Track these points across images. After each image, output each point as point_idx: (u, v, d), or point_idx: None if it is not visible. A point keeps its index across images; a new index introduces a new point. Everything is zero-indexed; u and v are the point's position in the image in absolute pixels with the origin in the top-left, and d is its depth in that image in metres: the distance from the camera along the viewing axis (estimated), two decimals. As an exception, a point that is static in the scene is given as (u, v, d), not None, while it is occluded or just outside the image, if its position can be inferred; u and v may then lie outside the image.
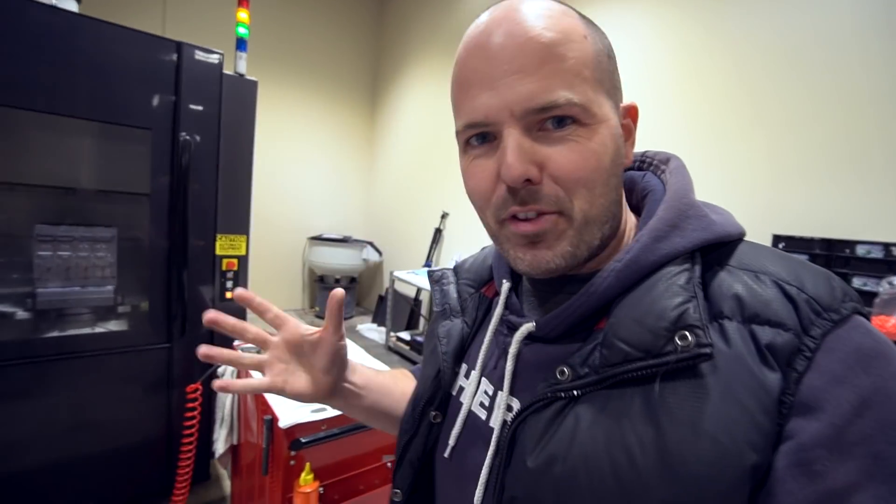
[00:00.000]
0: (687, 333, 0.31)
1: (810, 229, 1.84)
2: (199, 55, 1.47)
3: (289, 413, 1.04)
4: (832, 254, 1.75)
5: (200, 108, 1.49)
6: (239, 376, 1.40)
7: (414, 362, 3.71)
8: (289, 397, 0.49)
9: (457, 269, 0.54)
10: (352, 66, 4.97)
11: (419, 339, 3.66)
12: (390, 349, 3.94)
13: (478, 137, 0.36)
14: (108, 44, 1.33)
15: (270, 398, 1.16)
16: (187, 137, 1.45)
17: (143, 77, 1.39)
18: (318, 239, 4.52)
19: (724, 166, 2.15)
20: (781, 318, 0.31)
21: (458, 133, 0.38)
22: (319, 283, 4.67)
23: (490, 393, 0.43)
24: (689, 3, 2.32)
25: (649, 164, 0.44)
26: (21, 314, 1.39)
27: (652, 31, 2.49)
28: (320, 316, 4.63)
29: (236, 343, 1.44)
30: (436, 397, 0.47)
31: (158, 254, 1.49)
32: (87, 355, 1.39)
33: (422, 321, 4.21)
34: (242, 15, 1.61)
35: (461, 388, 0.46)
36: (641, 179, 0.43)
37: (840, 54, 1.77)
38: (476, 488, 0.39)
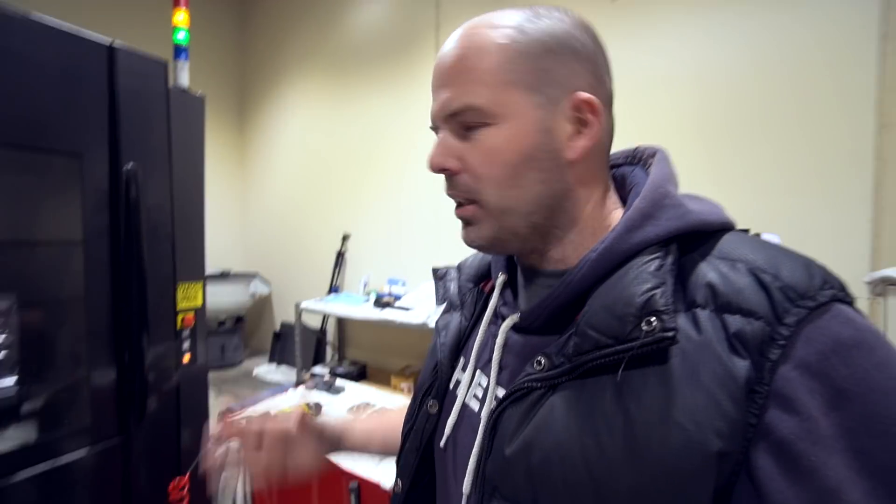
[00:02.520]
0: (653, 319, 0.32)
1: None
2: (138, 62, 1.16)
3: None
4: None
5: (145, 129, 1.17)
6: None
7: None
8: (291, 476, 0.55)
9: (460, 266, 0.57)
10: (212, 81, 4.37)
11: (339, 370, 3.41)
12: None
13: None
14: (14, 38, 0.95)
15: (335, 457, 0.99)
16: (133, 166, 1.13)
17: (67, 87, 1.03)
18: (192, 277, 3.83)
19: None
20: (752, 307, 0.31)
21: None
22: (196, 328, 3.94)
23: (484, 385, 0.44)
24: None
25: (639, 158, 0.46)
26: None
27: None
28: (200, 367, 3.91)
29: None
30: (433, 388, 0.50)
31: (99, 318, 1.11)
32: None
33: (329, 352, 3.92)
34: (180, 17, 1.32)
35: (458, 382, 0.48)
36: (630, 174, 0.45)
37: (802, 73, 2.00)
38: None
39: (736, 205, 2.17)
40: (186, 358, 1.32)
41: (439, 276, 0.57)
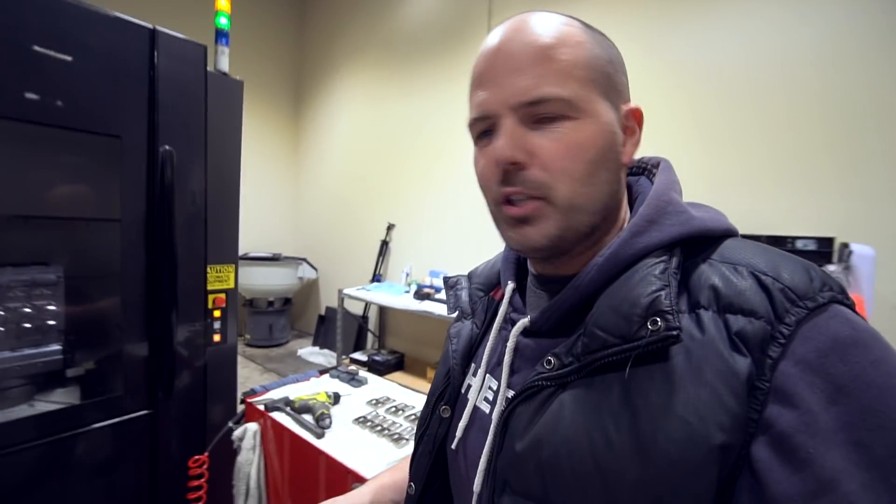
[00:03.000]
0: (658, 318, 0.33)
1: (755, 228, 2.12)
2: (178, 46, 1.19)
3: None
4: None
5: (182, 112, 1.20)
6: (263, 438, 1.15)
7: (372, 385, 3.48)
8: None
9: (470, 276, 0.58)
10: (271, 72, 4.54)
11: (378, 358, 3.45)
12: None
13: (485, 129, 0.40)
14: (62, 22, 1.00)
15: (343, 454, 0.96)
16: (168, 148, 1.16)
17: (109, 70, 1.07)
18: (246, 258, 4.03)
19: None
20: (754, 307, 0.32)
21: (469, 127, 0.42)
22: (249, 307, 4.15)
23: (494, 388, 0.45)
24: (629, 25, 2.54)
25: (644, 168, 0.47)
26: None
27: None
28: (251, 345, 4.12)
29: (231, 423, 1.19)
30: (445, 393, 0.51)
31: (134, 294, 1.16)
32: (27, 447, 1.02)
33: (370, 339, 3.98)
34: (222, 2, 1.33)
35: (469, 386, 0.49)
36: (636, 183, 0.46)
37: (785, 75, 2.06)
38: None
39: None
40: (216, 337, 1.35)
41: (450, 285, 0.58)
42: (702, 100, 2.28)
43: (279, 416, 1.13)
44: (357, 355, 3.69)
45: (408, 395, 1.35)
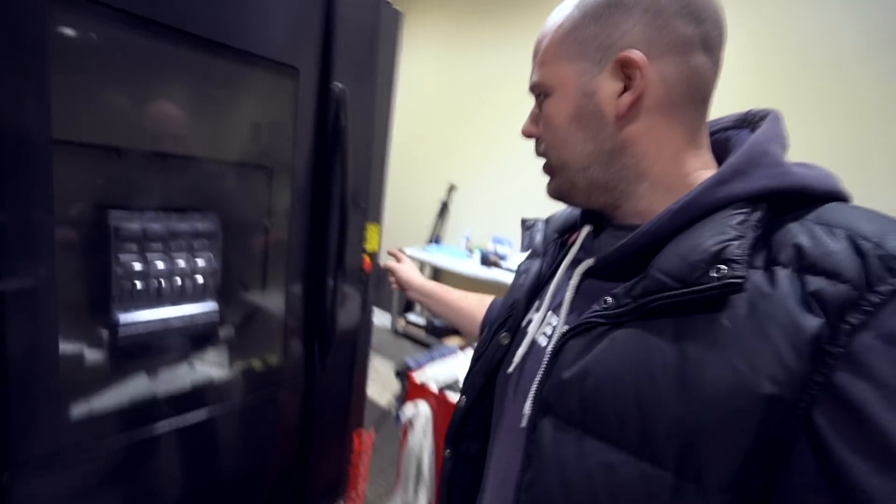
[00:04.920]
0: (723, 266, 0.32)
1: None
2: (356, -36, 1.00)
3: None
4: None
5: (355, 46, 1.03)
6: (435, 424, 1.06)
7: (428, 346, 3.44)
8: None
9: (548, 220, 0.60)
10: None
11: (436, 322, 3.38)
12: (398, 334, 3.62)
13: None
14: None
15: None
16: (342, 87, 1.00)
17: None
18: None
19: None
20: (840, 269, 0.30)
21: None
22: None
23: (553, 324, 0.47)
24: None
25: (749, 121, 0.45)
26: (91, 355, 0.88)
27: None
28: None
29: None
30: (507, 322, 0.53)
31: (296, 253, 1.04)
32: (189, 418, 0.93)
33: (421, 301, 3.92)
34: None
35: (530, 321, 0.51)
36: (735, 136, 0.45)
37: (847, 66, 1.84)
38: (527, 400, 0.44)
39: None
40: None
41: (527, 226, 0.63)
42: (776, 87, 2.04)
43: (456, 397, 1.03)
44: (413, 317, 3.63)
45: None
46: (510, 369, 0.50)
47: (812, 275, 0.31)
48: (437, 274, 3.88)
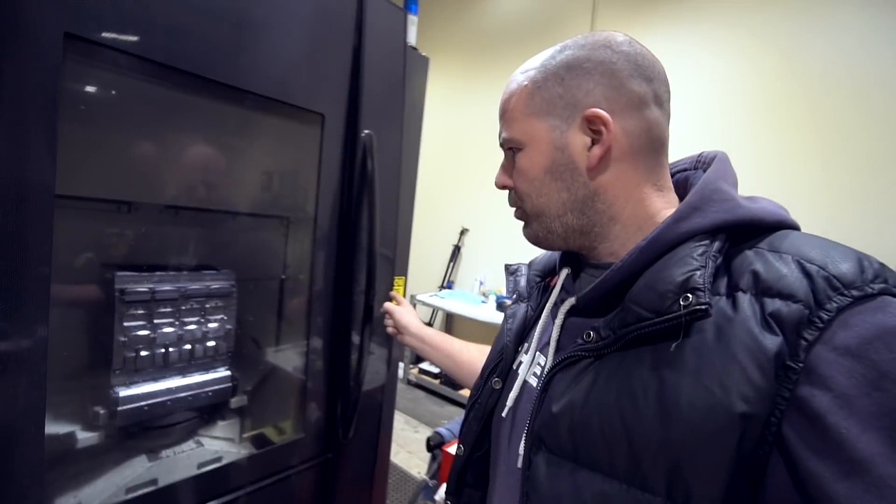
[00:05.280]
0: (689, 295, 0.35)
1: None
2: (383, 11, 0.97)
3: None
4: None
5: (383, 92, 0.98)
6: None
7: (443, 397, 3.26)
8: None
9: (530, 263, 0.63)
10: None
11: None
12: (410, 383, 3.44)
13: None
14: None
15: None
16: (369, 132, 0.94)
17: (312, 35, 0.85)
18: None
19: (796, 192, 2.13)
20: (792, 291, 0.33)
21: None
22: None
23: (542, 364, 0.50)
24: (762, 28, 2.27)
25: (703, 162, 0.49)
26: (84, 435, 0.76)
27: (718, 55, 2.41)
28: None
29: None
30: (498, 367, 0.55)
31: (320, 311, 0.94)
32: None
33: (434, 348, 3.76)
34: (415, -38, 1.12)
35: (520, 363, 0.53)
36: (693, 177, 0.49)
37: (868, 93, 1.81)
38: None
39: None
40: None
41: (511, 271, 0.64)
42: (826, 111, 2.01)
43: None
44: (426, 365, 3.46)
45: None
46: (504, 412, 0.51)
47: (769, 297, 0.34)
48: (451, 320, 3.75)
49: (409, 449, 2.58)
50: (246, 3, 0.74)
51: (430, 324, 3.75)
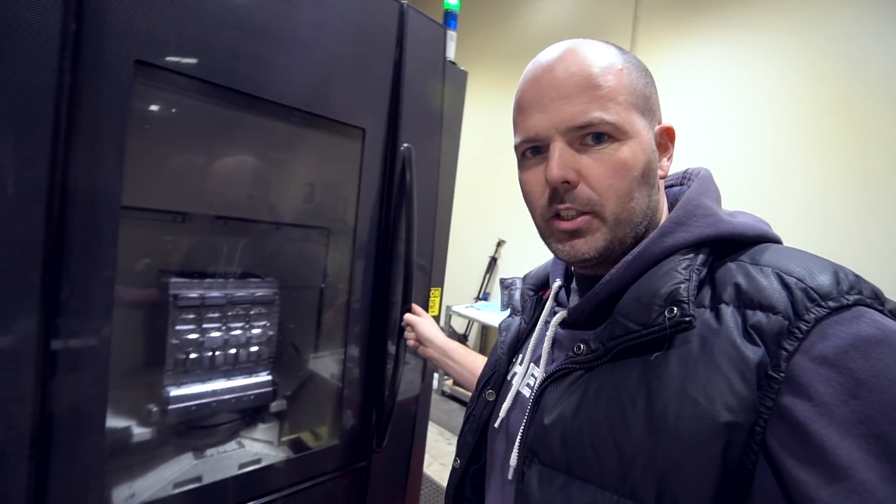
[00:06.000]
0: (675, 307, 0.37)
1: None
2: (424, 27, 1.00)
3: None
4: None
5: (421, 105, 1.00)
6: None
7: (477, 412, 3.21)
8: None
9: (525, 277, 0.64)
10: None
11: (486, 385, 3.17)
12: (444, 395, 3.42)
13: (532, 150, 0.45)
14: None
15: None
16: (408, 146, 0.96)
17: (354, 52, 0.89)
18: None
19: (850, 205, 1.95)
20: (772, 303, 0.34)
21: (516, 147, 0.47)
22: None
23: (536, 375, 0.50)
24: (807, 34, 2.14)
25: (688, 178, 0.51)
26: (137, 430, 0.81)
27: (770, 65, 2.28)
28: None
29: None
30: (492, 379, 0.56)
31: (358, 320, 0.96)
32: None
33: (468, 360, 3.74)
34: (455, -20, 1.15)
35: (514, 374, 0.53)
36: (679, 193, 0.50)
37: None
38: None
39: None
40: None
41: (506, 285, 0.64)
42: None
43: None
44: (461, 378, 3.44)
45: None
46: (497, 423, 0.52)
47: (750, 309, 0.35)
48: (486, 332, 3.72)
49: (442, 461, 2.56)
50: (291, 24, 0.78)
51: (465, 335, 3.74)
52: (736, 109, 2.45)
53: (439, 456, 2.61)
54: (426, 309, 1.06)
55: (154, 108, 0.75)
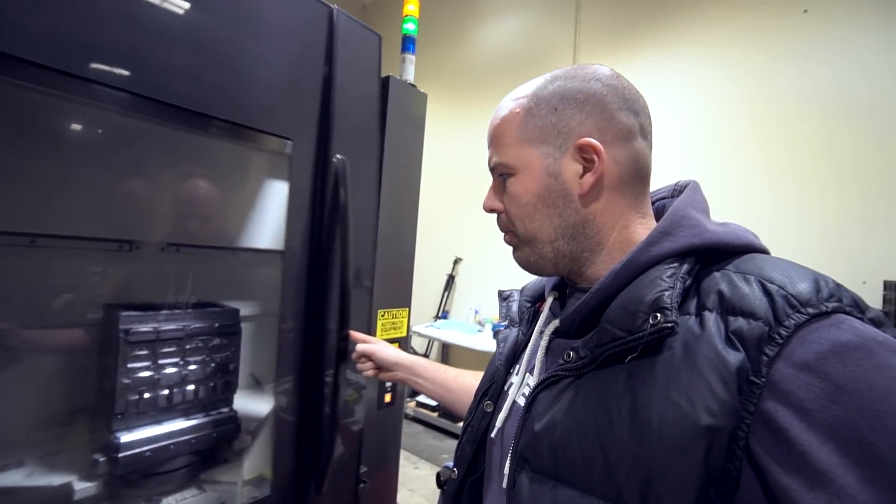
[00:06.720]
0: (658, 314, 0.38)
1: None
2: (356, 33, 0.94)
3: None
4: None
5: (355, 116, 0.95)
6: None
7: (442, 430, 3.18)
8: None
9: (522, 289, 0.65)
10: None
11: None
12: (408, 417, 3.35)
13: None
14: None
15: None
16: (341, 158, 0.88)
17: (282, 54, 0.82)
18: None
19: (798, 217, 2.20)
20: (753, 310, 0.36)
21: None
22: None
23: (530, 384, 0.51)
24: (736, 59, 2.41)
25: (678, 190, 0.52)
26: (81, 486, 0.73)
27: (705, 84, 2.54)
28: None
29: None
30: (490, 390, 0.57)
31: (290, 348, 0.87)
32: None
33: (430, 380, 3.70)
34: (411, 7, 1.17)
35: (511, 384, 0.54)
36: (669, 204, 0.51)
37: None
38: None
39: None
40: (387, 397, 1.11)
41: (504, 297, 0.66)
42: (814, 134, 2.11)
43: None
44: (424, 398, 3.39)
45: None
46: (493, 432, 0.52)
47: (732, 315, 0.36)
48: (447, 350, 3.71)
49: (409, 486, 2.49)
50: (204, 22, 0.71)
51: (426, 355, 3.70)
52: (679, 120, 2.67)
53: (407, 482, 2.53)
54: (372, 333, 1.03)
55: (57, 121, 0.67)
